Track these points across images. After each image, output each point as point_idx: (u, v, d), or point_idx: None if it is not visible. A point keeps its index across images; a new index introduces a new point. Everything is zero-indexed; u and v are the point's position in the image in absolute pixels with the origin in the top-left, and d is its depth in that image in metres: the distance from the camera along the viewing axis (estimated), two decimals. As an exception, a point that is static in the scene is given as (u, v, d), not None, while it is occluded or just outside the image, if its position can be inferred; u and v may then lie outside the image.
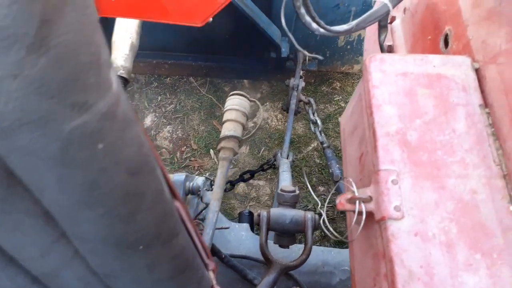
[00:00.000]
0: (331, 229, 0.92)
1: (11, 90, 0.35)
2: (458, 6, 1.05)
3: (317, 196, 3.24)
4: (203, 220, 1.53)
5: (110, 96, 0.41)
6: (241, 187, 3.21)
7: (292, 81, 2.66)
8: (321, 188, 3.31)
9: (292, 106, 2.67)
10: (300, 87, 2.67)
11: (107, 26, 1.83)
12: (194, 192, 1.59)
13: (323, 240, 2.96)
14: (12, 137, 0.39)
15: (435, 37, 1.15)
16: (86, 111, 0.40)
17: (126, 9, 1.26)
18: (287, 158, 2.31)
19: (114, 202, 0.51)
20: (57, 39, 0.34)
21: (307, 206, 3.14)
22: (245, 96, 1.61)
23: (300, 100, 2.72)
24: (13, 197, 0.50)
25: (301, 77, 2.71)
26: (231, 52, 3.25)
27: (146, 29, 3.00)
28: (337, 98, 3.59)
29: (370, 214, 0.85)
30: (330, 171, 2.48)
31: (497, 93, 0.87)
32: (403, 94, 0.90)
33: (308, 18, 1.12)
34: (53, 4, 0.32)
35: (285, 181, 1.86)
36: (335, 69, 3.40)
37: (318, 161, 3.43)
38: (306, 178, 1.54)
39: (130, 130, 0.46)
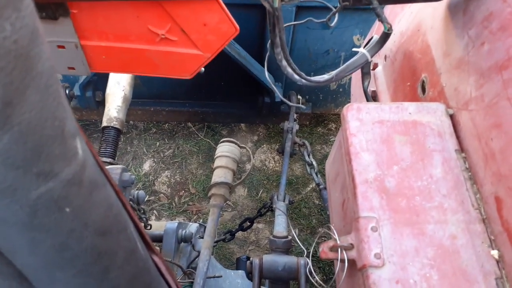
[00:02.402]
0: (317, 278, 0.92)
1: (-22, 164, 0.38)
2: (432, 55, 1.10)
3: (317, 239, 3.20)
4: (196, 268, 1.51)
5: (75, 163, 0.44)
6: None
7: (287, 124, 2.71)
8: (321, 230, 3.27)
9: (287, 149, 2.70)
10: (294, 130, 2.71)
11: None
12: (187, 240, 1.58)
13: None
14: (-18, 205, 0.42)
15: (413, 83, 1.19)
16: (52, 179, 0.42)
17: (117, 65, 1.31)
18: (283, 201, 2.31)
19: (85, 262, 0.52)
20: (20, 118, 0.36)
21: (308, 249, 3.10)
22: (235, 143, 1.65)
23: (295, 143, 2.76)
24: (-13, 261, 0.51)
25: (295, 120, 2.76)
26: (226, 98, 3.33)
27: (143, 79, 3.11)
28: (333, 139, 3.63)
29: (353, 262, 0.85)
30: (328, 213, 2.48)
31: (471, 138, 0.90)
32: (380, 141, 0.93)
33: (290, 70, 1.16)
34: (15, 88, 0.35)
35: (280, 225, 1.86)
36: (329, 111, 3.46)
37: (317, 202, 3.42)
38: (291, 227, 1.54)
39: (98, 193, 0.48)
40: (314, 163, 2.68)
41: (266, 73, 1.26)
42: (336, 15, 1.20)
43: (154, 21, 1.19)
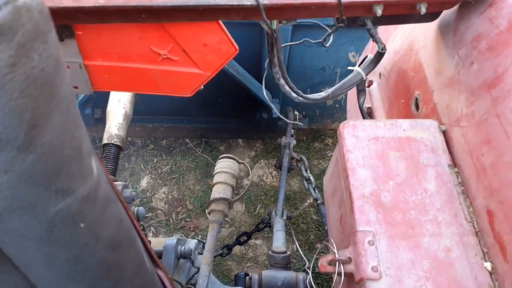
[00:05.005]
0: (316, 291, 0.94)
1: (3, 182, 0.40)
2: (424, 73, 1.14)
3: (316, 254, 3.21)
4: (195, 285, 1.53)
5: (91, 181, 0.46)
6: (237, 247, 3.18)
7: (284, 140, 2.75)
8: (319, 246, 3.28)
9: (285, 164, 2.73)
10: (291, 145, 2.75)
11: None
12: (186, 256, 1.60)
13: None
14: (4, 221, 0.44)
15: (407, 100, 1.24)
16: (69, 196, 0.45)
17: (119, 84, 1.35)
18: (281, 217, 2.33)
19: (97, 275, 0.54)
20: (43, 139, 0.40)
21: (305, 265, 3.10)
22: (234, 159, 1.68)
23: (293, 158, 2.79)
24: (3, 275, 0.54)
25: (292, 136, 2.80)
26: (224, 114, 3.37)
27: (141, 96, 3.15)
28: (330, 154, 3.67)
29: (350, 275, 0.88)
30: (326, 228, 2.49)
31: (463, 153, 0.94)
32: (375, 157, 0.96)
33: (287, 88, 1.21)
34: (41, 111, 0.38)
35: (279, 241, 1.87)
36: (326, 126, 3.51)
37: (315, 217, 3.43)
38: (295, 239, 1.56)
39: (111, 209, 0.51)
40: (311, 178, 2.71)
41: (264, 91, 1.30)
42: (331, 35, 1.24)
43: (156, 41, 1.23)
